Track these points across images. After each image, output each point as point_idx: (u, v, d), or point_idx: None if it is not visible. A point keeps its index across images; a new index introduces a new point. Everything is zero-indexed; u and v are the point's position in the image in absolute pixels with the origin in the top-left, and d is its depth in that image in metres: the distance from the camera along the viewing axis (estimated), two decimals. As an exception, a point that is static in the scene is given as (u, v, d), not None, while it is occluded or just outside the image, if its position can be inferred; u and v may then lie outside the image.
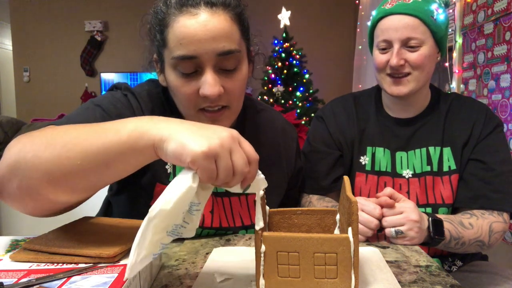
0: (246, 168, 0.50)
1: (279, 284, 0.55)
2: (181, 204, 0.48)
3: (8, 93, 5.96)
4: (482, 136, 0.98)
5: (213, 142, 0.47)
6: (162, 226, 0.48)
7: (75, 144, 0.52)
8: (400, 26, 0.92)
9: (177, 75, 0.71)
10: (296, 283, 0.54)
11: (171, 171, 0.79)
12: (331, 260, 0.53)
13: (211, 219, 0.82)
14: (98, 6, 4.84)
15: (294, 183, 0.99)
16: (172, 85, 0.73)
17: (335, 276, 0.54)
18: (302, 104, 3.85)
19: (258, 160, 0.52)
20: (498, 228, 0.91)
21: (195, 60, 0.69)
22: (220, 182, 0.50)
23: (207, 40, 0.67)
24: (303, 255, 0.54)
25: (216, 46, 0.68)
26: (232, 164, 0.49)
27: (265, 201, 0.61)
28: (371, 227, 0.79)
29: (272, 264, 0.54)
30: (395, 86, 0.96)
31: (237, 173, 0.49)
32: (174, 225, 0.50)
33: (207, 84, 0.69)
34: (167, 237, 0.51)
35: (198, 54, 0.68)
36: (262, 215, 0.56)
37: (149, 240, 0.48)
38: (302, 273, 0.54)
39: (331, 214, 0.70)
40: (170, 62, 0.71)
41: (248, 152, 0.51)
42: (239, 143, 0.50)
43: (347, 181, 0.64)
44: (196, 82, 0.70)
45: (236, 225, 0.85)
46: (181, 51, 0.68)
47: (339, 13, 4.83)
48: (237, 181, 0.51)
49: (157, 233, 0.48)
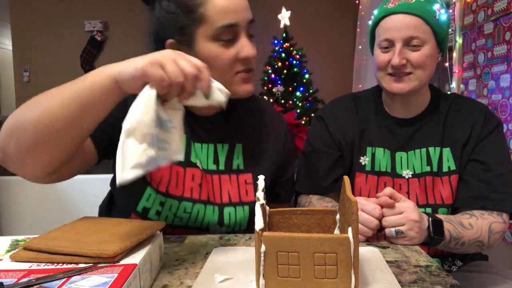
0: (195, 70, 0.59)
1: (279, 284, 0.55)
2: (146, 110, 0.56)
3: (8, 93, 5.97)
4: (482, 137, 0.98)
5: (156, 55, 0.59)
6: (139, 136, 0.55)
7: (54, 96, 0.63)
8: (402, 26, 0.92)
9: (219, 44, 0.79)
10: (296, 283, 0.54)
11: None
12: (331, 260, 0.53)
13: (199, 192, 0.86)
14: (98, 6, 4.84)
15: (284, 171, 1.00)
16: (211, 55, 0.79)
17: (335, 276, 0.54)
18: (302, 104, 3.85)
19: (206, 66, 0.62)
20: (497, 228, 0.91)
21: (235, 28, 0.79)
22: (174, 88, 0.59)
23: (243, 9, 0.80)
24: (303, 255, 0.54)
25: (248, 15, 0.81)
26: (181, 69, 0.58)
27: (265, 203, 0.61)
28: (371, 227, 0.79)
29: (272, 264, 0.54)
30: (396, 83, 0.96)
31: (188, 75, 0.59)
32: (151, 136, 0.56)
33: (247, 47, 0.80)
34: (150, 149, 0.56)
35: (238, 22, 0.79)
36: (262, 215, 0.56)
37: (132, 152, 0.54)
38: (302, 273, 0.54)
39: (331, 214, 0.70)
40: (212, 33, 0.78)
41: (194, 60, 0.61)
42: (184, 56, 0.61)
43: (347, 181, 0.64)
44: (234, 48, 0.80)
45: (223, 201, 0.88)
46: (226, 20, 0.78)
47: (339, 13, 4.83)
48: (191, 84, 0.59)
49: (137, 145, 0.55)
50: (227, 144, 0.91)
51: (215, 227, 0.89)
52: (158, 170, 0.83)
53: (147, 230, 0.62)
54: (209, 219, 0.87)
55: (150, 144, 0.56)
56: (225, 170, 0.90)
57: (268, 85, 3.97)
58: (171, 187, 0.85)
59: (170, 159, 0.60)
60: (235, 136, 0.93)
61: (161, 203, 0.84)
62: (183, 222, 0.87)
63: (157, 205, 0.84)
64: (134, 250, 0.58)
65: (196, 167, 0.87)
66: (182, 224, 0.87)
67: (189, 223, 0.87)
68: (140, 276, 0.54)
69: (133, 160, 0.54)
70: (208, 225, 0.88)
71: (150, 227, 0.64)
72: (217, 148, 0.90)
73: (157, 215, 0.85)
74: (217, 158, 0.90)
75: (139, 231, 0.62)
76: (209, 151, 0.90)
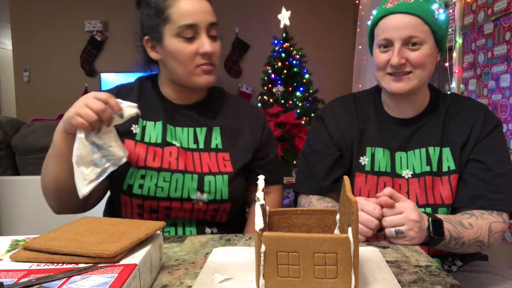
0: (102, 105, 0.78)
1: (279, 284, 0.55)
2: (81, 147, 0.79)
3: (8, 93, 5.96)
4: (481, 137, 0.98)
5: (74, 106, 0.80)
6: (84, 164, 0.81)
7: (45, 167, 0.91)
8: (401, 25, 0.92)
9: (180, 40, 0.95)
10: (296, 283, 0.54)
11: (136, 131, 1.01)
12: (331, 260, 0.53)
13: (176, 164, 0.97)
14: (98, 6, 4.83)
15: (264, 154, 1.10)
16: (175, 49, 0.96)
17: (335, 276, 0.54)
18: (302, 104, 3.84)
19: (110, 96, 0.80)
20: (497, 228, 0.91)
21: (195, 27, 0.94)
22: (94, 124, 0.79)
23: (202, 12, 0.95)
24: (303, 255, 0.54)
25: (208, 17, 0.96)
26: (92, 109, 0.78)
27: (265, 204, 0.62)
28: (371, 227, 0.79)
29: (272, 264, 0.54)
30: (395, 83, 0.96)
31: (98, 109, 0.78)
32: (93, 161, 0.81)
33: (206, 44, 0.95)
34: (96, 168, 0.82)
35: (197, 22, 0.94)
36: (262, 215, 0.56)
37: (84, 175, 0.81)
38: (302, 273, 0.54)
39: (331, 214, 0.70)
40: (175, 31, 0.95)
41: (100, 96, 0.79)
42: (93, 96, 0.79)
43: (347, 181, 0.64)
44: (195, 44, 0.95)
45: (204, 170, 0.98)
46: (186, 20, 0.94)
47: (339, 13, 4.83)
48: (106, 114, 0.79)
49: (85, 169, 0.81)
50: (205, 127, 1.04)
51: (197, 195, 0.96)
52: (133, 151, 0.96)
53: (147, 230, 0.62)
54: (188, 186, 0.96)
55: (94, 166, 0.81)
56: (205, 148, 1.02)
57: (268, 85, 3.97)
58: (148, 161, 0.96)
59: (117, 164, 0.85)
60: (212, 121, 1.05)
61: (142, 176, 0.95)
62: (165, 192, 0.95)
63: (139, 179, 0.95)
64: (134, 250, 0.58)
65: (173, 145, 0.99)
66: (164, 195, 0.95)
67: (170, 192, 0.95)
68: (140, 276, 0.54)
69: (86, 179, 0.81)
70: (189, 193, 0.96)
71: (150, 227, 0.64)
72: (196, 131, 1.03)
73: (140, 188, 0.95)
74: (196, 139, 1.03)
75: (139, 231, 0.62)
76: (189, 134, 1.03)
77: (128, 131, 0.99)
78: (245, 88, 4.84)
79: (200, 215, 1.00)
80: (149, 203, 0.96)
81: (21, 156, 1.81)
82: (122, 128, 0.96)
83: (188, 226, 1.01)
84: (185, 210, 0.98)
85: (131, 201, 0.96)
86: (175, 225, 1.00)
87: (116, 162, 0.84)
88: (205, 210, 0.99)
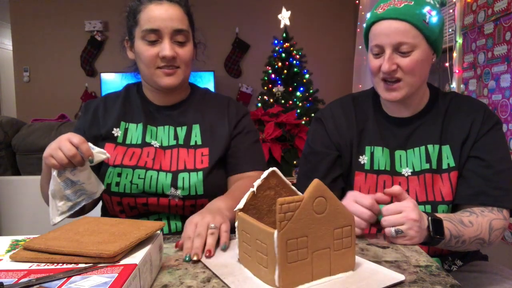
0: (72, 150, 0.83)
1: (242, 258, 0.68)
2: (55, 183, 0.87)
3: (8, 93, 5.96)
4: (481, 134, 0.98)
5: (47, 150, 0.86)
6: (58, 197, 0.89)
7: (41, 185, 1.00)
8: (391, 32, 0.92)
9: (144, 43, 1.01)
10: (249, 261, 0.64)
11: (118, 134, 1.07)
12: (263, 249, 0.59)
13: (152, 164, 1.02)
14: (98, 6, 4.83)
15: (239, 142, 1.12)
16: (139, 51, 1.02)
17: (266, 266, 0.59)
18: (302, 104, 3.84)
19: (83, 141, 0.85)
20: (498, 225, 0.91)
21: (158, 32, 1.00)
22: (66, 165, 0.84)
23: (167, 19, 1.00)
24: (252, 239, 0.62)
25: (172, 24, 1.00)
26: (64, 152, 0.83)
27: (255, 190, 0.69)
28: (364, 218, 0.80)
29: (240, 238, 0.67)
30: (388, 92, 0.97)
31: (68, 155, 0.83)
32: (66, 196, 0.89)
33: (165, 49, 1.00)
34: (68, 202, 0.90)
35: (160, 28, 0.99)
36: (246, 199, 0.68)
37: (57, 207, 0.89)
38: (250, 253, 0.63)
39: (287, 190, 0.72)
40: (140, 35, 1.01)
41: (73, 140, 0.84)
42: (66, 139, 0.85)
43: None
44: (157, 48, 1.01)
45: (179, 168, 1.02)
46: (149, 25, 1.00)
47: (339, 13, 4.83)
48: (77, 158, 0.84)
49: (59, 202, 0.89)
50: (185, 126, 1.09)
51: (171, 191, 1.00)
52: (112, 152, 1.02)
53: (147, 230, 0.63)
54: (162, 183, 1.00)
55: (66, 200, 0.89)
56: (184, 144, 1.06)
57: (268, 85, 3.97)
58: (125, 160, 1.02)
59: (91, 198, 0.92)
60: (192, 120, 1.10)
61: (119, 174, 1.00)
62: (140, 189, 1.00)
63: (116, 177, 1.00)
64: (134, 250, 0.58)
65: (152, 146, 1.04)
66: (140, 191, 1.00)
67: (145, 188, 1.00)
68: (140, 276, 0.54)
69: (58, 211, 0.89)
70: (163, 189, 1.00)
71: (150, 227, 0.64)
72: (176, 130, 1.08)
73: (117, 186, 1.00)
74: (177, 136, 1.07)
75: (139, 231, 0.62)
76: (170, 131, 1.08)
77: (109, 135, 1.06)
78: (245, 88, 4.84)
79: (178, 211, 1.03)
80: (127, 200, 1.01)
81: (21, 156, 1.81)
82: (104, 132, 1.06)
83: (172, 220, 1.04)
84: (163, 207, 1.01)
85: (111, 199, 1.02)
86: (159, 220, 1.03)
87: (89, 197, 0.92)
88: (182, 206, 1.02)
